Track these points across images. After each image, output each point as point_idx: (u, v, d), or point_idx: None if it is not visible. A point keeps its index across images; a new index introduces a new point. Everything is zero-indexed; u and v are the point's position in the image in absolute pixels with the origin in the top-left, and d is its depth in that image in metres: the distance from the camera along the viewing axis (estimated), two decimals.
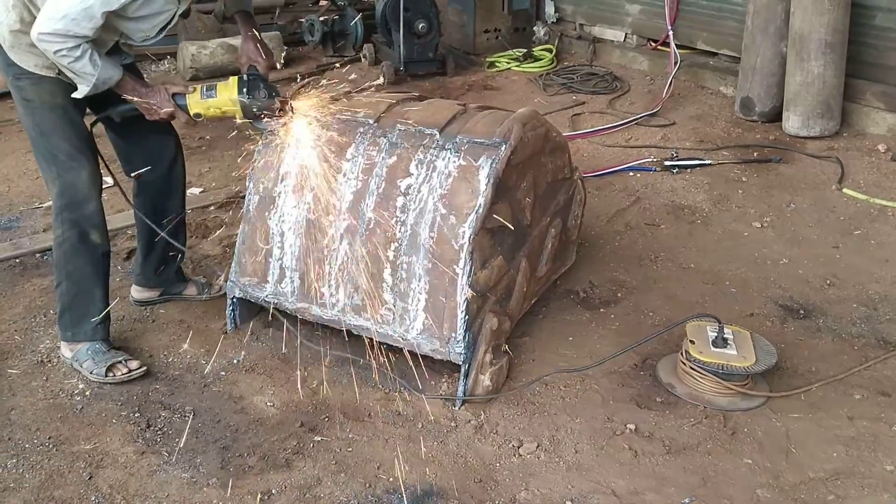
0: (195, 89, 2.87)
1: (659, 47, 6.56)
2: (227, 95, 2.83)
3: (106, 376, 2.92)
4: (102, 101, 2.81)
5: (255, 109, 2.84)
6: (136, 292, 3.42)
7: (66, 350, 3.03)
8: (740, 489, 2.48)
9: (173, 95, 2.83)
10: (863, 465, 2.56)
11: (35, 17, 2.63)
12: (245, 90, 2.82)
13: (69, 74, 2.65)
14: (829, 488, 2.47)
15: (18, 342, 3.20)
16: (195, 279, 3.50)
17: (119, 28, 2.66)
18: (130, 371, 2.95)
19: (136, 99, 2.79)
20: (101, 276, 3.00)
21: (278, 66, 3.14)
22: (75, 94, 2.71)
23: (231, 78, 2.88)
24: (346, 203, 2.89)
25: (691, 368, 2.86)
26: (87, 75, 2.62)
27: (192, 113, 2.85)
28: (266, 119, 2.87)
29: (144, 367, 2.98)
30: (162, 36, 2.80)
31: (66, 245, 2.90)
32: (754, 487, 2.48)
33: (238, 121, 2.91)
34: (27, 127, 2.87)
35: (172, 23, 2.77)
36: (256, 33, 3.04)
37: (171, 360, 3.09)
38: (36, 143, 2.87)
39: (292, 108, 2.91)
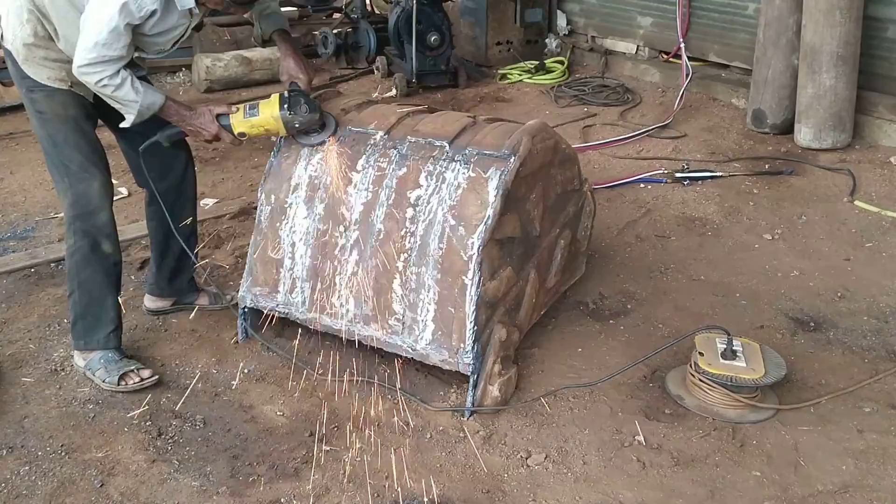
0: (238, 109, 2.92)
1: (671, 59, 6.57)
2: (269, 113, 2.86)
3: (118, 385, 2.94)
4: (116, 114, 2.81)
5: (297, 125, 2.88)
6: (150, 301, 3.44)
7: (78, 358, 3.06)
8: (748, 502, 2.47)
9: (217, 116, 2.87)
10: (872, 478, 2.55)
11: (48, 32, 2.71)
12: (286, 106, 2.85)
13: (114, 105, 2.72)
14: (838, 501, 2.46)
15: (32, 351, 3.23)
16: (207, 289, 3.52)
17: (135, 43, 2.70)
18: (143, 380, 2.97)
19: (180, 123, 2.86)
20: (113, 285, 3.03)
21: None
22: (123, 124, 2.76)
23: (272, 95, 2.92)
24: (357, 214, 2.91)
25: (700, 380, 2.86)
26: (131, 103, 2.68)
27: (236, 132, 2.89)
28: (310, 133, 2.94)
29: (156, 377, 3.00)
30: (175, 49, 2.85)
31: (79, 255, 2.94)
32: (762, 500, 2.48)
33: (281, 136, 2.97)
34: (40, 138, 2.91)
35: (185, 36, 2.82)
36: (295, 50, 3.08)
37: (182, 370, 3.11)
38: (49, 154, 2.91)
39: (337, 122, 2.96)
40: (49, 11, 2.68)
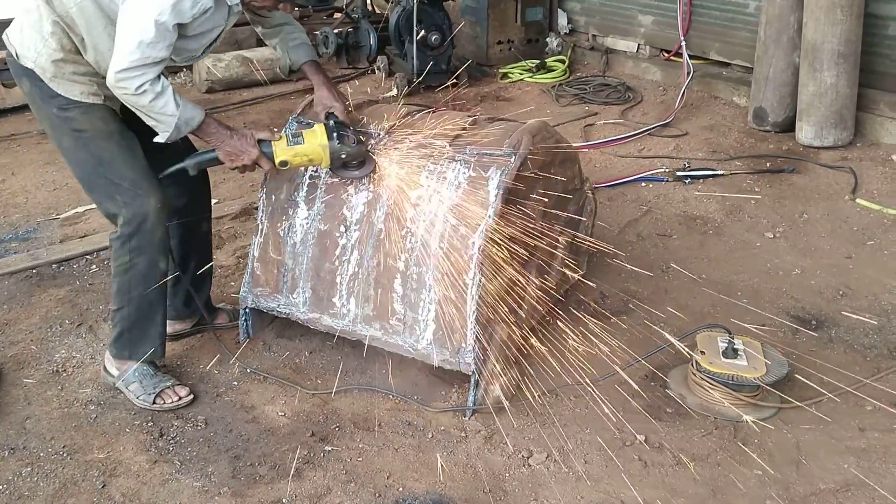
0: (281, 136, 2.76)
1: (672, 58, 6.56)
2: (317, 142, 2.74)
3: (153, 404, 2.84)
4: (146, 129, 2.62)
5: (343, 156, 2.78)
6: (168, 326, 3.09)
7: (112, 367, 2.93)
8: (750, 500, 2.47)
9: (259, 142, 2.71)
10: (874, 476, 2.55)
11: (74, 45, 2.55)
12: (335, 136, 2.75)
13: (148, 120, 2.53)
14: (840, 500, 2.46)
15: (34, 352, 3.23)
16: (223, 307, 3.42)
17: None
18: (180, 399, 2.87)
19: (218, 144, 2.67)
20: (164, 299, 2.91)
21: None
22: (157, 139, 2.58)
23: (317, 125, 2.81)
24: (358, 214, 2.91)
25: (702, 379, 2.86)
26: (169, 116, 2.49)
27: (277, 161, 2.73)
28: (350, 168, 2.84)
29: (192, 395, 2.91)
30: (205, 55, 2.72)
31: (133, 272, 2.77)
32: (764, 499, 2.48)
33: (323, 168, 2.87)
34: (80, 160, 2.71)
35: (217, 42, 2.69)
36: (328, 80, 2.99)
37: (184, 370, 3.11)
38: (92, 175, 2.71)
39: (375, 160, 2.88)
40: (76, 20, 2.51)
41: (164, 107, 2.47)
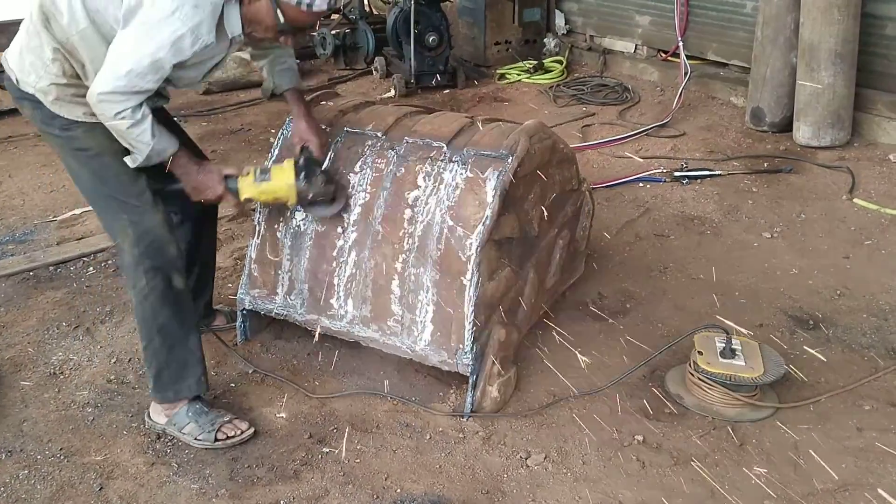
0: (249, 172, 2.73)
1: (669, 58, 6.57)
2: (283, 181, 2.72)
3: (216, 441, 2.69)
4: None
5: (310, 196, 2.77)
6: None
7: (158, 415, 2.77)
8: (748, 501, 2.47)
9: (225, 177, 2.69)
10: (872, 476, 2.55)
11: (76, 70, 2.50)
12: (303, 175, 2.72)
13: (123, 142, 2.49)
14: (838, 500, 2.46)
15: (31, 354, 3.23)
16: (221, 309, 3.40)
17: (168, 76, 2.45)
18: (242, 433, 2.72)
19: (184, 179, 2.64)
20: (192, 321, 2.77)
21: None
22: (126, 159, 2.53)
23: (286, 161, 2.78)
24: (355, 215, 2.91)
25: (699, 379, 2.85)
26: (143, 144, 2.46)
27: (242, 198, 2.71)
28: (320, 205, 2.83)
29: (253, 429, 2.75)
30: (206, 80, 2.66)
31: (153, 296, 2.64)
32: (762, 499, 2.47)
33: (289, 206, 2.85)
34: (83, 179, 2.67)
35: (217, 69, 2.68)
36: (308, 111, 2.92)
37: None
38: (97, 194, 2.67)
39: (348, 196, 2.87)
40: (78, 47, 2.45)
41: (139, 135, 2.44)
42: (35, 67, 2.52)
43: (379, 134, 2.99)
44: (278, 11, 2.45)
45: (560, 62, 6.98)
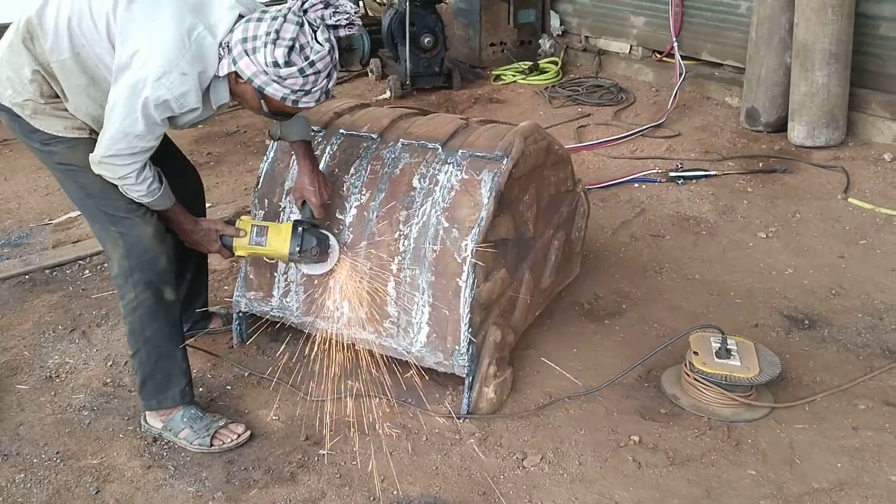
0: (245, 234, 2.77)
1: (664, 59, 6.58)
2: (278, 249, 2.76)
3: (212, 446, 2.70)
4: None
5: (301, 261, 2.84)
6: None
7: (154, 420, 2.79)
8: (744, 500, 2.47)
9: (220, 237, 2.76)
10: (867, 475, 2.56)
11: (54, 92, 2.46)
12: (298, 247, 2.75)
13: (123, 190, 2.52)
14: (834, 499, 2.47)
15: (27, 358, 3.22)
16: (216, 311, 3.40)
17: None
18: (238, 436, 2.74)
19: (181, 234, 2.73)
20: (180, 334, 2.78)
21: None
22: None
23: (284, 225, 2.80)
24: (350, 217, 2.91)
25: (695, 380, 2.86)
26: (143, 197, 2.53)
27: (236, 254, 2.81)
28: (309, 264, 2.89)
29: (249, 432, 2.77)
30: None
31: (142, 309, 2.64)
32: (758, 499, 2.48)
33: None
34: (70, 190, 2.65)
35: (212, 118, 2.71)
36: (314, 166, 2.83)
37: None
38: (85, 206, 2.65)
39: (340, 254, 2.89)
40: (56, 73, 2.43)
41: (141, 195, 2.52)
42: (12, 82, 2.46)
43: (374, 136, 3.00)
44: (262, 102, 2.47)
45: (555, 63, 6.99)
